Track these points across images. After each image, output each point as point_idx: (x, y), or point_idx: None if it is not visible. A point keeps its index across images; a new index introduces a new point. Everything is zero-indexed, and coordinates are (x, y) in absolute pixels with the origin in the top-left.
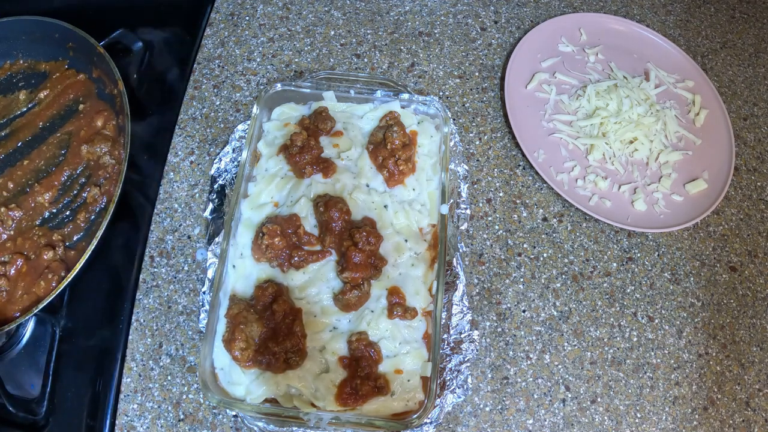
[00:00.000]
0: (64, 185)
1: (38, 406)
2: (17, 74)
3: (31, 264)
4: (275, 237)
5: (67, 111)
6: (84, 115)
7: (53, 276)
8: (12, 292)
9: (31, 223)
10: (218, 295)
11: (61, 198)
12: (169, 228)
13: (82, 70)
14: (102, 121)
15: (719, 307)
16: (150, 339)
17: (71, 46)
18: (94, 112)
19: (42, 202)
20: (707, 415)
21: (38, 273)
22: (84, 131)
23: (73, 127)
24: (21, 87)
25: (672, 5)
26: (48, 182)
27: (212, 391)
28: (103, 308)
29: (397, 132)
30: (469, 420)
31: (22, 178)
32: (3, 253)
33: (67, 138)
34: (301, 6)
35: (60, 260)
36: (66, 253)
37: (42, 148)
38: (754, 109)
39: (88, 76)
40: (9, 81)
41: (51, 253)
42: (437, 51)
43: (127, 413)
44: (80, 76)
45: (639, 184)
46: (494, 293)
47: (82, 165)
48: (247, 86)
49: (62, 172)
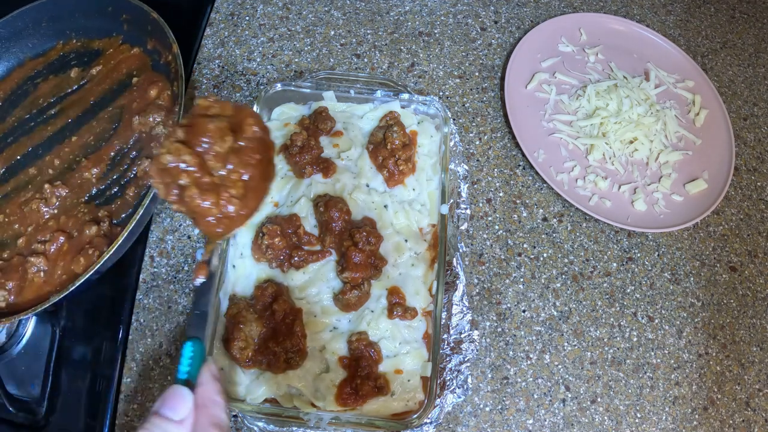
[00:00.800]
0: (113, 160)
1: (38, 406)
2: (69, 54)
3: (73, 242)
4: (275, 237)
5: (120, 85)
6: (137, 88)
7: (94, 251)
8: (51, 272)
9: (76, 201)
10: (218, 295)
11: (109, 174)
12: (169, 228)
13: (136, 44)
14: (156, 91)
15: (719, 307)
16: (150, 339)
17: (125, 18)
18: (147, 84)
19: (89, 178)
20: (707, 415)
21: (79, 249)
22: (137, 103)
23: (125, 101)
24: (73, 65)
25: (672, 5)
26: (96, 157)
27: None
28: (103, 308)
29: (397, 132)
30: (469, 420)
31: (70, 155)
32: (44, 232)
33: (119, 112)
34: (301, 6)
35: (104, 236)
36: (111, 229)
37: (92, 123)
38: (754, 109)
39: (143, 50)
40: (62, 61)
41: (94, 228)
42: (437, 51)
43: (127, 413)
44: (134, 50)
45: (639, 184)
46: (494, 293)
47: (134, 137)
48: (247, 86)
49: (112, 146)
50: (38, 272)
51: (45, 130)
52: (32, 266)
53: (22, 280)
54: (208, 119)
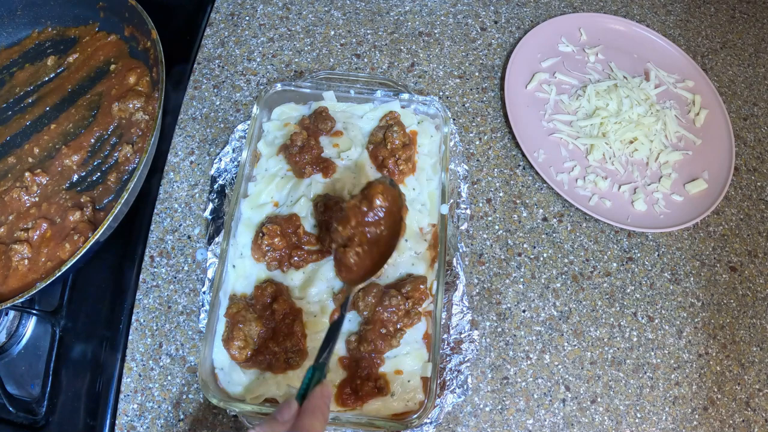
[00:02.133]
0: (93, 147)
1: (38, 406)
2: (45, 42)
3: (56, 228)
4: (275, 237)
5: (97, 72)
6: (115, 75)
7: (80, 237)
8: (35, 259)
9: (57, 188)
10: (218, 294)
11: (90, 160)
12: (169, 228)
13: (113, 31)
14: (135, 77)
15: (719, 307)
16: (150, 339)
17: (101, 5)
18: (126, 70)
19: (70, 165)
20: (707, 415)
21: (64, 235)
22: (115, 90)
23: (103, 88)
24: (49, 53)
25: (672, 5)
26: (77, 144)
27: (212, 391)
28: (103, 308)
29: (397, 132)
30: (469, 420)
31: (49, 143)
32: (26, 220)
33: (98, 99)
34: (301, 6)
35: (88, 221)
36: (95, 214)
37: (71, 110)
38: (754, 109)
39: (120, 36)
40: (37, 49)
41: (78, 213)
42: (437, 51)
43: (127, 413)
44: (111, 37)
45: (639, 184)
46: (494, 293)
47: (114, 124)
48: (247, 86)
49: (92, 133)
50: (22, 260)
51: (23, 118)
52: (16, 254)
53: (6, 269)
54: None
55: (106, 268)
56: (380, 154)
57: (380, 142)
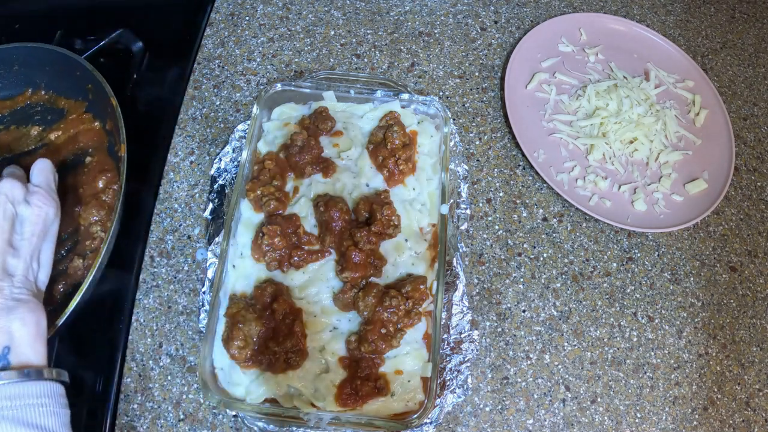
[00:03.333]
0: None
1: None
2: (36, 105)
3: None
4: (275, 237)
5: (73, 160)
6: (89, 171)
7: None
8: None
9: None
10: (218, 294)
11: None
12: (169, 228)
13: (98, 117)
14: (104, 183)
15: (719, 307)
16: (150, 339)
17: (90, 88)
18: (98, 170)
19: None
20: (707, 415)
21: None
22: (83, 189)
23: (74, 181)
24: (36, 121)
25: (672, 5)
26: None
27: (212, 391)
28: (104, 308)
29: (397, 132)
30: (469, 420)
31: None
32: None
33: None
34: (301, 6)
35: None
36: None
37: None
38: (754, 109)
39: (103, 126)
40: (26, 112)
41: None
42: (437, 51)
43: (127, 413)
44: (96, 123)
45: (639, 184)
46: (494, 293)
47: (71, 228)
48: (247, 86)
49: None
50: None
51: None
52: None
53: None
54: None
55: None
56: (380, 154)
57: (380, 142)
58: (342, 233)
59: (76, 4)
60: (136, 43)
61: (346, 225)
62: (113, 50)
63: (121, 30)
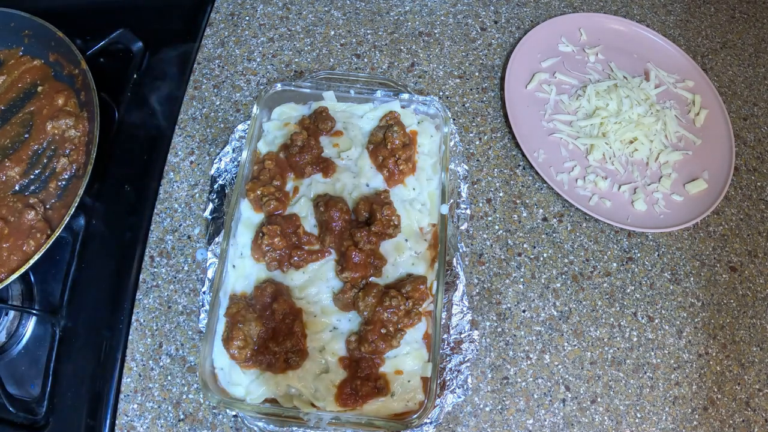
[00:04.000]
0: (32, 159)
1: (38, 406)
2: None
3: (13, 226)
4: (275, 237)
5: (26, 93)
6: (44, 96)
7: (41, 235)
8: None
9: (3, 195)
10: (218, 294)
11: (30, 170)
12: (169, 228)
13: (37, 56)
14: (63, 99)
15: (719, 307)
16: (150, 339)
17: (27, 33)
18: (54, 92)
19: (13, 176)
20: (707, 415)
21: (24, 233)
22: (46, 110)
23: (34, 107)
24: None
25: (672, 5)
26: (16, 157)
27: (212, 391)
28: (103, 308)
29: (398, 132)
30: (469, 420)
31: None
32: None
33: (30, 117)
34: (301, 6)
35: (43, 220)
36: (46, 213)
37: (6, 128)
38: (754, 109)
39: (44, 61)
40: None
41: (32, 213)
42: (437, 51)
43: (127, 413)
44: (35, 61)
45: (639, 184)
46: (494, 293)
47: (48, 139)
48: (247, 86)
49: (29, 147)
50: None
51: None
52: None
53: None
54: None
55: (106, 269)
56: (380, 154)
57: (380, 142)
58: (342, 233)
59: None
60: (136, 43)
61: (346, 225)
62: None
63: (121, 30)
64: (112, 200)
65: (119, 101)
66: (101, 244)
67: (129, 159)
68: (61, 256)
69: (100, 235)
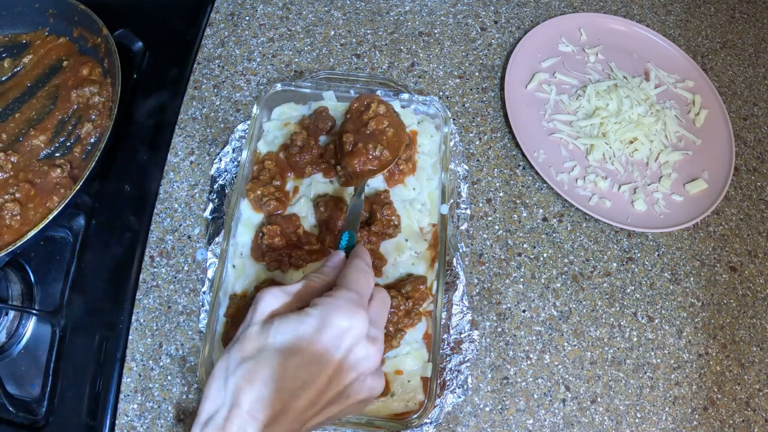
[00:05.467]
0: (57, 128)
1: (38, 406)
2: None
3: (39, 187)
4: (275, 237)
5: (52, 69)
6: (69, 69)
7: (65, 190)
8: (24, 214)
9: (29, 162)
10: (218, 294)
11: (55, 138)
12: (169, 228)
13: (62, 34)
14: (87, 69)
15: (719, 307)
16: (150, 339)
17: (51, 12)
18: (78, 65)
19: (38, 144)
20: (707, 415)
21: (49, 190)
22: (71, 81)
23: (59, 80)
24: (4, 57)
25: (672, 5)
26: (42, 127)
27: None
28: (103, 309)
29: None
30: (469, 420)
31: (15, 129)
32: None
33: (55, 89)
34: (301, 6)
35: (69, 177)
36: (73, 171)
37: (32, 101)
38: (754, 109)
39: (69, 38)
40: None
41: (58, 170)
42: (437, 51)
43: (127, 413)
44: (61, 39)
45: (639, 184)
46: (494, 293)
47: (72, 108)
48: (247, 86)
49: (55, 117)
50: (13, 217)
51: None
52: (7, 212)
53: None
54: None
55: (106, 269)
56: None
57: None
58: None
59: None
60: (136, 43)
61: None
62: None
63: (121, 30)
64: (112, 200)
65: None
66: (101, 244)
67: (129, 159)
68: (61, 256)
69: (100, 235)
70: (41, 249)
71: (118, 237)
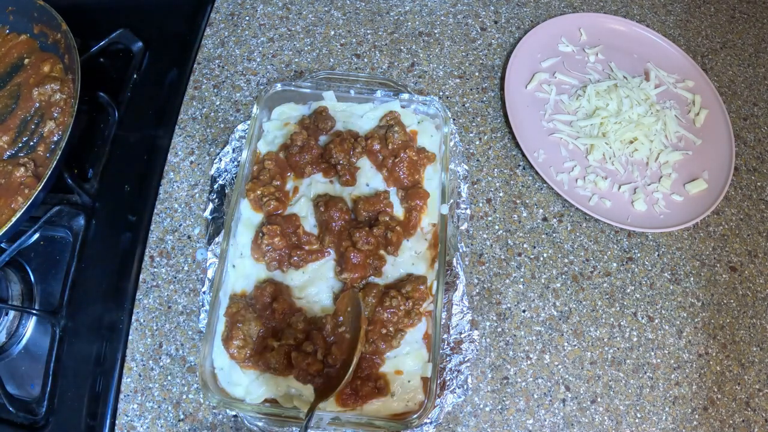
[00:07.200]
0: (20, 127)
1: (38, 406)
2: None
3: (3, 187)
4: (275, 237)
5: (13, 67)
6: (30, 67)
7: (29, 190)
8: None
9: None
10: (218, 294)
11: (18, 138)
12: (169, 228)
13: (22, 31)
14: (48, 66)
15: (719, 307)
16: (150, 339)
17: (11, 9)
18: (39, 62)
19: (1, 145)
20: (707, 415)
21: (13, 191)
22: (33, 79)
23: (21, 79)
24: None
25: (672, 5)
26: (4, 127)
27: (212, 391)
28: (103, 308)
29: (398, 132)
30: (469, 420)
31: None
32: None
33: (17, 89)
34: (301, 6)
35: (32, 176)
36: (37, 170)
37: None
38: (754, 109)
39: (30, 35)
40: None
41: (22, 169)
42: (437, 51)
43: (127, 413)
44: (21, 37)
45: (639, 184)
46: (494, 293)
47: (35, 106)
48: (247, 86)
49: (17, 116)
50: None
51: None
52: None
53: None
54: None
55: (106, 269)
56: (380, 154)
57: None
58: (341, 233)
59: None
60: (136, 43)
61: (346, 225)
62: (113, 50)
63: (121, 30)
64: (112, 200)
65: (119, 101)
66: (101, 244)
67: (129, 159)
68: (61, 256)
69: (100, 235)
70: (41, 249)
71: (118, 237)
